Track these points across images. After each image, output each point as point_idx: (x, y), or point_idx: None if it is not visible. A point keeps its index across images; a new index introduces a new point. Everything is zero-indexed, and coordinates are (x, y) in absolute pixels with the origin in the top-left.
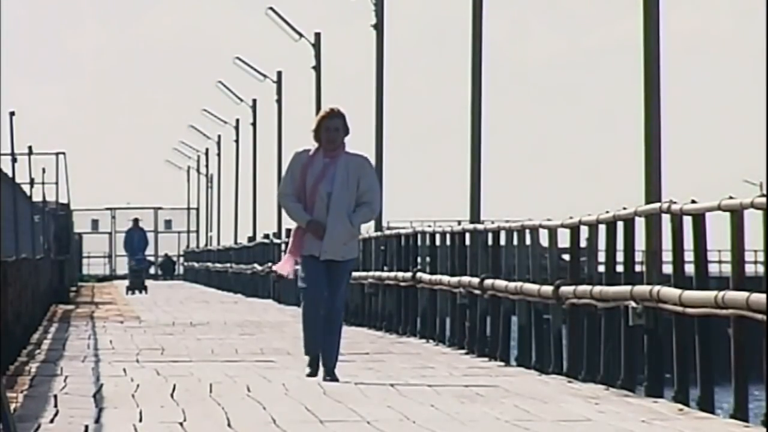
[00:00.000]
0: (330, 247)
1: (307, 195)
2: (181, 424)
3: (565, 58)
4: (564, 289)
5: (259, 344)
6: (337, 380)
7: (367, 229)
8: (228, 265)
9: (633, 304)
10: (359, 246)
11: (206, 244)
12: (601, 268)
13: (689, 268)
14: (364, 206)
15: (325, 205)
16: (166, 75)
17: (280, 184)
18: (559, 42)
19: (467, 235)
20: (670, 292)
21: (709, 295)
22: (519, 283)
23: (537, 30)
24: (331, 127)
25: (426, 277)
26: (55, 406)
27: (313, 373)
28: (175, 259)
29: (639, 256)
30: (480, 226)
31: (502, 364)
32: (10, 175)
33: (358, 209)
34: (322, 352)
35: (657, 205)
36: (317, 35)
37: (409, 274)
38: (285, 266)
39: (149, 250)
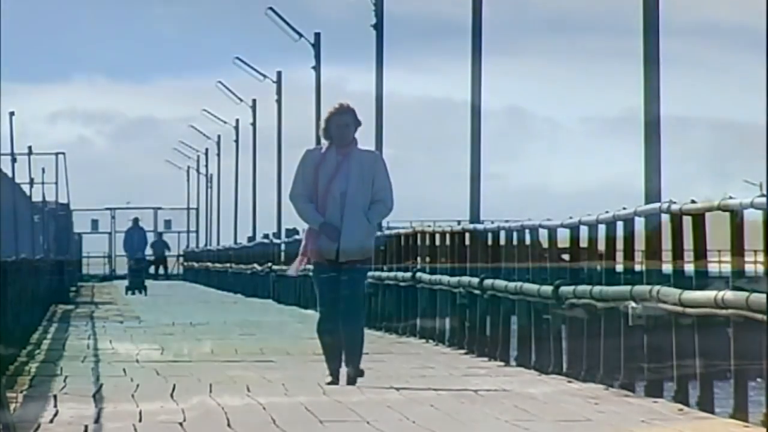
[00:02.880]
0: (348, 248)
1: (320, 194)
2: (180, 424)
3: (564, 58)
4: (564, 289)
5: (259, 344)
6: (361, 375)
7: None
8: (228, 265)
9: (633, 304)
10: (374, 244)
11: (206, 244)
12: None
13: (689, 268)
14: (379, 204)
15: (338, 205)
16: (166, 75)
17: (291, 185)
18: (559, 41)
19: (467, 235)
20: (669, 292)
21: (709, 295)
22: (519, 283)
23: (536, 29)
24: (342, 123)
25: (426, 277)
26: (55, 406)
27: (334, 383)
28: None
29: (639, 256)
30: (480, 226)
31: (502, 364)
32: (10, 175)
33: (373, 207)
34: (344, 352)
35: (657, 205)
36: (317, 35)
37: (409, 274)
38: (294, 266)
39: (148, 251)
